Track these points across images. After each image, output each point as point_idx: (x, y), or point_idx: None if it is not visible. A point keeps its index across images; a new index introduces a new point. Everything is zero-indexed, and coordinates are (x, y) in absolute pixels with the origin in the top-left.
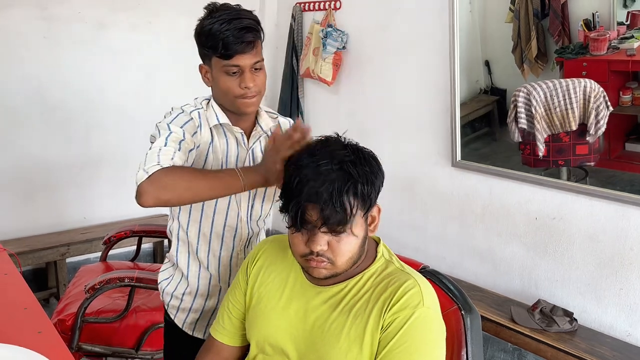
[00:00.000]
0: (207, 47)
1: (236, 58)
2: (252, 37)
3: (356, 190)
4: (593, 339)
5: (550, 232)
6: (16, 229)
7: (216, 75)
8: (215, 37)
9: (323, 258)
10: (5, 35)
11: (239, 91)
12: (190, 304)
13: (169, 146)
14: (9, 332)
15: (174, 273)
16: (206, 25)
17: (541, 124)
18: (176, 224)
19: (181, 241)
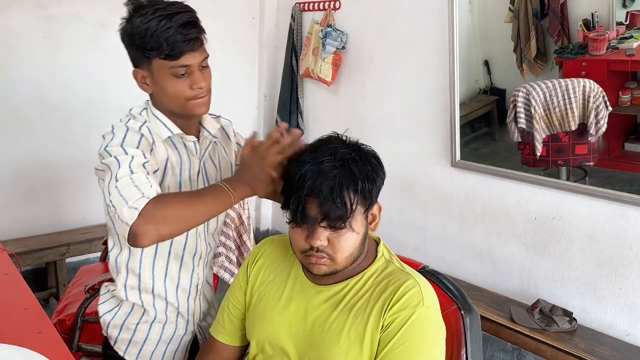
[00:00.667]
0: (147, 49)
1: (184, 57)
2: (198, 32)
3: (357, 186)
4: (592, 339)
5: (549, 231)
6: (16, 229)
7: (160, 79)
8: (156, 36)
9: (323, 254)
10: (5, 36)
11: (190, 93)
12: (145, 334)
13: (137, 173)
14: (9, 332)
15: (120, 303)
16: (139, 24)
17: (540, 124)
18: (126, 254)
19: (131, 272)
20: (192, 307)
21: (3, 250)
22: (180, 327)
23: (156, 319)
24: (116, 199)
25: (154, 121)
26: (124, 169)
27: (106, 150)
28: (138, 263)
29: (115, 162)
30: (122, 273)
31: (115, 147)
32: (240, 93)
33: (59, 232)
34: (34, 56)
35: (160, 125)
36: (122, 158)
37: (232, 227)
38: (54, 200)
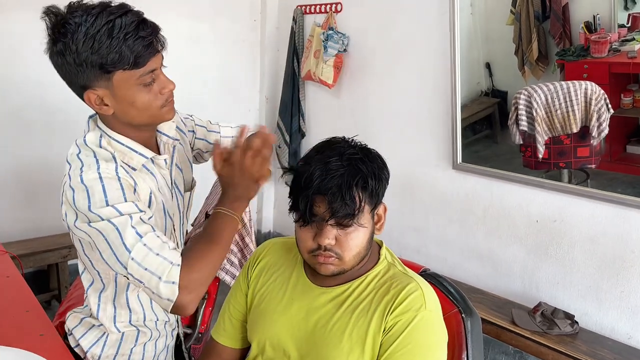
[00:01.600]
0: (107, 64)
1: (150, 63)
2: (152, 30)
3: (365, 184)
4: (594, 342)
5: (551, 234)
6: (18, 231)
7: (127, 94)
8: (112, 48)
9: (331, 253)
10: (8, 38)
11: (160, 99)
12: (141, 356)
13: (146, 235)
14: (10, 334)
15: (106, 332)
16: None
17: (542, 127)
18: (111, 290)
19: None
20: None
21: (5, 253)
22: (168, 336)
23: (151, 337)
24: (140, 273)
25: (121, 149)
26: (131, 236)
27: (93, 213)
28: (125, 297)
29: (113, 228)
30: (107, 309)
31: (103, 210)
32: (242, 95)
33: (61, 234)
34: (36, 58)
35: (130, 153)
36: (118, 221)
37: None
38: (56, 202)
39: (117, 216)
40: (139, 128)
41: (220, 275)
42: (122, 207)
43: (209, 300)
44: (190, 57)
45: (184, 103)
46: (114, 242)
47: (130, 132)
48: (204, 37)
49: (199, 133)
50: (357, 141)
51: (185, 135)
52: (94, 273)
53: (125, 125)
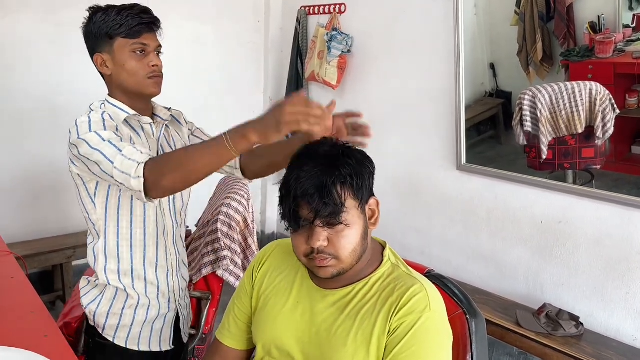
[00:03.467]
0: (111, 30)
1: (144, 37)
2: (153, 17)
3: (343, 180)
4: (599, 344)
5: (556, 235)
6: (23, 232)
7: (121, 59)
8: (119, 19)
9: (325, 255)
10: (13, 40)
11: (147, 70)
12: (131, 318)
13: (124, 148)
14: (15, 335)
15: (103, 291)
16: (102, 16)
17: (546, 127)
18: (102, 241)
19: (110, 257)
20: (172, 284)
21: (10, 254)
22: (162, 306)
23: (139, 303)
24: (121, 177)
25: (111, 108)
26: (111, 151)
27: (81, 139)
28: (115, 247)
29: (98, 153)
30: (99, 259)
31: (88, 135)
32: (246, 96)
33: (65, 235)
34: (41, 60)
35: (117, 110)
36: (102, 146)
37: (238, 230)
38: (61, 204)
39: (100, 141)
40: (132, 97)
41: (224, 276)
42: (103, 133)
43: (212, 301)
44: (194, 59)
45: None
46: (102, 162)
47: (124, 100)
48: (207, 39)
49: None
50: (334, 139)
51: (182, 128)
52: (90, 227)
53: (120, 91)
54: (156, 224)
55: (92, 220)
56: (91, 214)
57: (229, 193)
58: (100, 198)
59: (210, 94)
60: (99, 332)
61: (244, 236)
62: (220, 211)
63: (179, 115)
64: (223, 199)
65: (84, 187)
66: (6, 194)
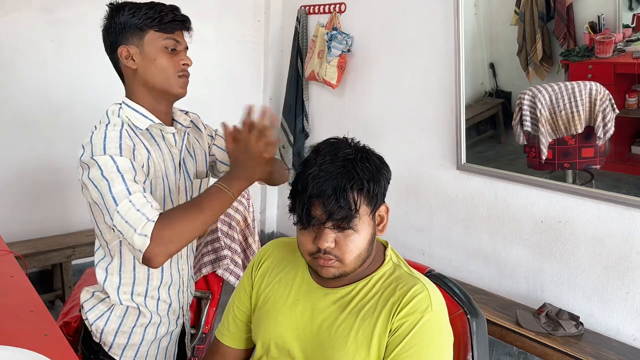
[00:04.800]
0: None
1: (177, 34)
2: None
3: (360, 186)
4: (599, 343)
5: (556, 235)
6: (22, 231)
7: (151, 53)
8: (152, 12)
9: (330, 256)
10: (13, 39)
11: (178, 67)
12: (141, 337)
13: (134, 193)
14: (15, 334)
15: (111, 307)
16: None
17: (546, 127)
18: (117, 261)
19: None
20: (182, 300)
21: (9, 253)
22: (172, 323)
23: (151, 322)
24: (121, 224)
25: (131, 113)
26: (120, 188)
27: (93, 159)
28: (132, 269)
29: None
30: (113, 279)
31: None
32: (246, 96)
33: (65, 234)
34: (40, 59)
35: (138, 116)
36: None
37: (238, 229)
38: (60, 203)
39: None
40: (155, 98)
41: (224, 275)
42: (118, 160)
43: (212, 300)
44: (194, 57)
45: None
46: (106, 195)
47: (147, 101)
48: (208, 38)
49: (218, 141)
50: (355, 141)
51: (202, 134)
52: (103, 244)
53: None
54: None
55: (106, 239)
56: (104, 232)
57: None
58: None
59: (210, 93)
60: (104, 350)
61: (244, 235)
62: None
63: (197, 120)
64: None
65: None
66: (6, 193)
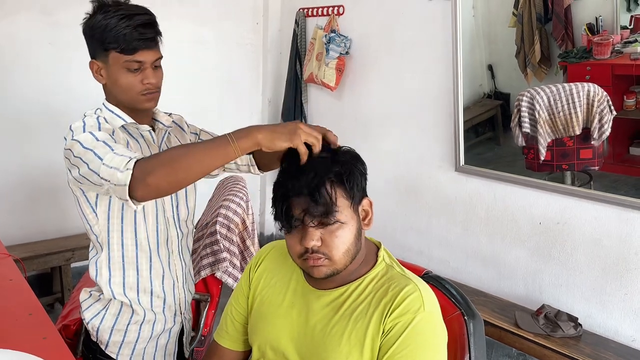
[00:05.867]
0: (106, 42)
1: (139, 54)
2: (154, 33)
3: (333, 179)
4: (598, 344)
5: (554, 236)
6: (21, 235)
7: (114, 72)
8: (115, 32)
9: (319, 254)
10: (11, 42)
11: (140, 87)
12: (137, 334)
13: (117, 147)
14: (14, 337)
15: (107, 306)
16: (101, 20)
17: (544, 129)
18: (105, 253)
19: (114, 270)
20: (178, 296)
21: (8, 256)
22: (168, 320)
23: (145, 319)
24: (107, 172)
25: (107, 113)
26: (103, 150)
27: (74, 140)
28: (120, 259)
29: (90, 152)
30: (103, 273)
31: (82, 135)
32: (245, 98)
33: (64, 237)
34: (39, 62)
35: (113, 116)
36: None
37: (236, 232)
38: (59, 206)
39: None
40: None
41: (223, 277)
42: (97, 133)
43: (211, 302)
44: (193, 60)
45: (187, 105)
46: (91, 161)
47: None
48: (207, 40)
49: (203, 136)
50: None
51: (186, 134)
52: (93, 239)
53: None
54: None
55: (95, 232)
56: (93, 225)
57: (227, 195)
58: (102, 207)
59: (209, 95)
60: (101, 349)
61: (242, 238)
62: (219, 213)
63: (180, 120)
64: (222, 200)
65: (84, 197)
66: (5, 196)
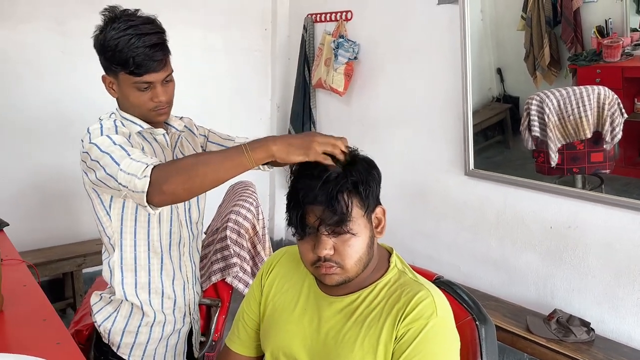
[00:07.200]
0: (115, 63)
1: (147, 76)
2: (163, 55)
3: (349, 189)
4: (610, 349)
5: (565, 240)
6: (33, 240)
7: (125, 90)
8: (124, 53)
9: (331, 263)
10: (23, 50)
11: (151, 104)
12: (147, 336)
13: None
14: (28, 343)
15: (118, 308)
16: (111, 39)
17: (554, 132)
18: (117, 254)
19: (127, 271)
20: (188, 298)
21: (22, 262)
22: (178, 321)
23: (156, 320)
24: (125, 178)
25: (123, 120)
26: (120, 154)
27: (92, 143)
28: (133, 260)
29: (107, 156)
30: (116, 274)
31: (99, 139)
32: (253, 104)
33: (75, 243)
34: (51, 70)
35: (129, 123)
36: (112, 149)
37: (246, 237)
38: (71, 212)
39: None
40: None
41: (234, 283)
42: (114, 137)
43: (222, 308)
44: (202, 67)
45: (196, 112)
46: (108, 165)
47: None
48: (216, 47)
49: (213, 138)
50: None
51: (196, 137)
52: (105, 241)
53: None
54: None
55: (108, 234)
56: (106, 227)
57: (237, 200)
58: (116, 210)
59: (219, 101)
60: (113, 351)
61: (252, 243)
62: (229, 218)
63: (190, 123)
64: (232, 206)
65: (99, 199)
66: (17, 203)
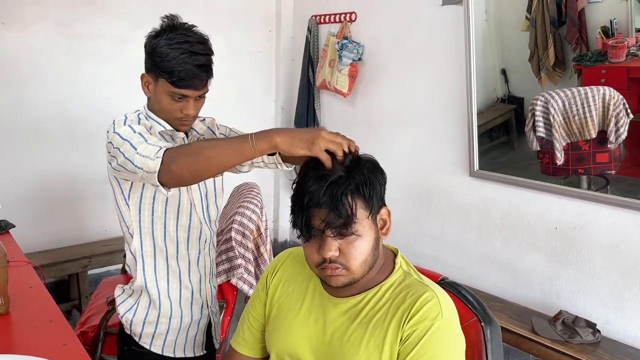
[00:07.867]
0: (161, 70)
1: (185, 90)
2: (207, 76)
3: (354, 191)
4: (616, 351)
5: (570, 241)
6: (39, 242)
7: (159, 93)
8: (172, 64)
9: (337, 264)
10: (29, 53)
11: (179, 115)
12: (167, 326)
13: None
14: (35, 344)
15: (138, 300)
16: (164, 46)
17: (559, 133)
18: (137, 241)
19: (147, 258)
20: (204, 290)
21: (28, 263)
22: (195, 313)
23: (173, 313)
24: (141, 161)
25: (148, 118)
26: (138, 140)
27: (115, 132)
28: (152, 248)
29: (127, 143)
30: (138, 261)
31: (122, 128)
32: (258, 105)
33: (81, 245)
34: (57, 72)
35: (153, 122)
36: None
37: (251, 238)
38: (77, 213)
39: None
40: None
41: (238, 284)
42: (136, 127)
43: (227, 309)
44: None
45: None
46: (127, 151)
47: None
48: (220, 48)
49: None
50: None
51: (216, 136)
52: (125, 230)
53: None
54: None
55: (127, 223)
56: (125, 216)
57: (242, 202)
58: (134, 199)
59: (223, 102)
60: (135, 340)
61: (256, 244)
62: (234, 220)
63: (212, 123)
64: (237, 207)
65: (119, 188)
66: (24, 205)
